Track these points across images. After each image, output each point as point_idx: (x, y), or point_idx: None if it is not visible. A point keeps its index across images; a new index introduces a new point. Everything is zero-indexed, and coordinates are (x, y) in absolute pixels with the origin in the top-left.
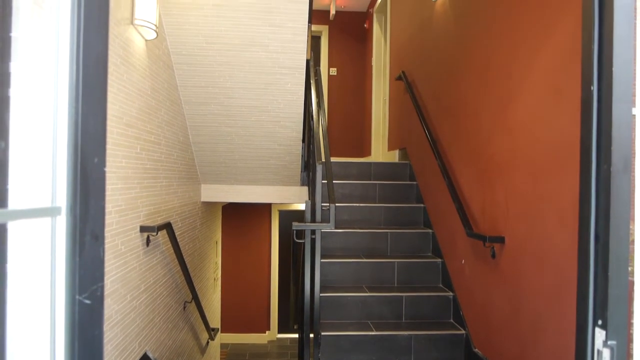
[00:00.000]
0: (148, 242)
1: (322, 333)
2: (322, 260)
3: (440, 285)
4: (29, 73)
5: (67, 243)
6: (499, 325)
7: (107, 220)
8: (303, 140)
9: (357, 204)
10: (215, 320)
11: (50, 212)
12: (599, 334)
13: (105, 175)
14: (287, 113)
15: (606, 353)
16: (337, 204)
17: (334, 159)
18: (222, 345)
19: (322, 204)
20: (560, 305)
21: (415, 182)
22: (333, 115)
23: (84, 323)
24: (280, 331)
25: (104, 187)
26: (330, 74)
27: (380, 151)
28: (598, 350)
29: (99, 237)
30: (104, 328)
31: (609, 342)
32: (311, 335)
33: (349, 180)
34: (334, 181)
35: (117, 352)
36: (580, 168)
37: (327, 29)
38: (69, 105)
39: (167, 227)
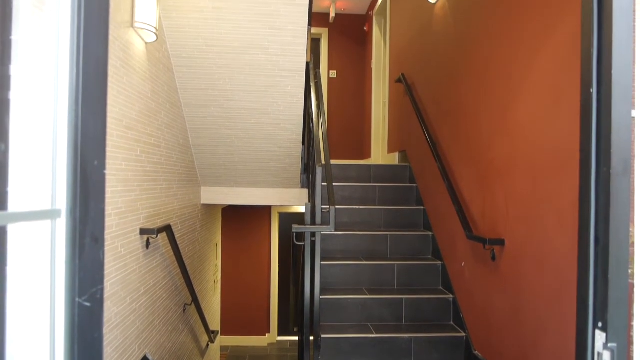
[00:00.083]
0: (148, 244)
1: (322, 335)
2: (322, 262)
3: (441, 287)
4: (29, 76)
5: (67, 245)
6: (499, 328)
7: (107, 222)
8: (303, 143)
9: (357, 207)
10: (215, 322)
11: (50, 214)
12: (599, 337)
13: (105, 177)
14: (287, 115)
15: (606, 355)
16: (337, 207)
17: (334, 162)
18: (222, 348)
19: (322, 207)
20: (560, 308)
21: (415, 185)
22: (333, 117)
23: (84, 326)
24: (280, 334)
25: (104, 190)
26: (330, 76)
27: (380, 154)
28: (598, 353)
29: (98, 240)
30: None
31: (609, 345)
32: (311, 337)
33: (349, 183)
34: (334, 184)
35: (117, 354)
36: (580, 171)
37: (327, 31)
38: (69, 107)
39: (167, 229)
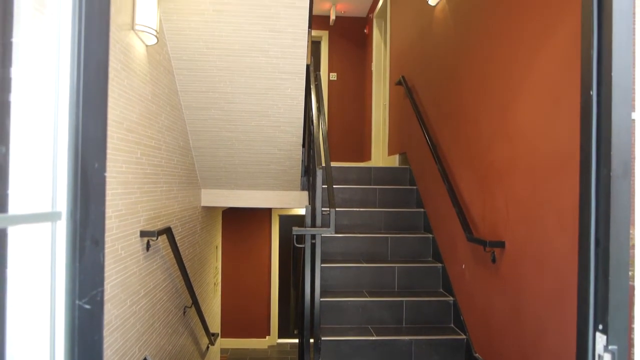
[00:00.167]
0: (148, 246)
1: (323, 338)
2: (322, 265)
3: (441, 290)
4: (30, 78)
5: (67, 248)
6: (500, 330)
7: (107, 225)
8: (303, 145)
9: (357, 209)
10: (215, 325)
11: (50, 217)
12: (600, 339)
13: (106, 180)
14: (287, 118)
15: (607, 358)
16: (337, 209)
17: (334, 164)
18: (222, 350)
19: (322, 209)
20: (561, 310)
21: (415, 187)
22: (333, 120)
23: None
24: (280, 336)
25: (104, 192)
26: (331, 79)
27: (380, 156)
28: (599, 355)
29: (99, 242)
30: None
31: (609, 347)
32: (311, 340)
33: (349, 185)
34: (334, 186)
35: (117, 357)
36: (580, 173)
37: (327, 34)
38: (70, 110)
39: (167, 231)
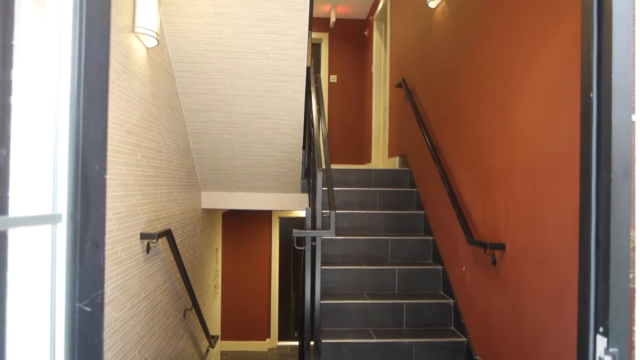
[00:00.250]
0: (148, 249)
1: (323, 340)
2: (322, 267)
3: (441, 292)
4: (30, 80)
5: (67, 250)
6: (501, 333)
7: (107, 227)
8: (303, 147)
9: (358, 211)
10: (215, 327)
11: (50, 219)
12: (601, 342)
13: (106, 182)
14: (287, 120)
15: None
16: (337, 211)
17: (334, 166)
18: (222, 353)
19: (323, 211)
20: (561, 312)
21: (415, 189)
22: (333, 122)
23: (84, 330)
24: (280, 339)
25: (104, 195)
26: (331, 81)
27: (381, 158)
28: (600, 358)
29: (99, 245)
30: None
31: (610, 350)
32: (312, 342)
33: (349, 187)
34: (335, 188)
35: (117, 359)
36: (580, 175)
37: (328, 36)
38: (70, 112)
39: (168, 234)
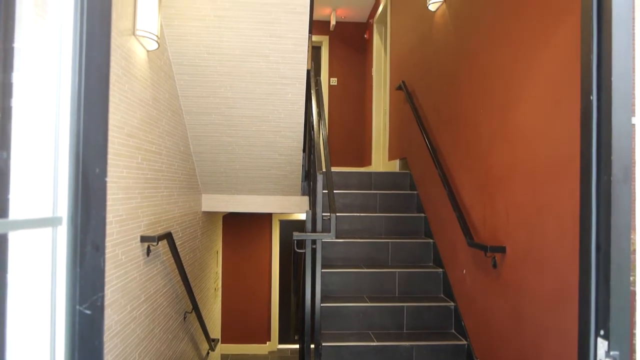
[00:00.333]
0: (148, 252)
1: (323, 344)
2: (322, 270)
3: (442, 295)
4: (31, 83)
5: (67, 253)
6: (501, 336)
7: (107, 230)
8: (304, 150)
9: (358, 214)
10: (215, 330)
11: (51, 222)
12: (601, 344)
13: (107, 185)
14: (287, 123)
15: None
16: (337, 214)
17: (334, 169)
18: (223, 356)
19: (323, 214)
20: (562, 315)
21: (415, 192)
22: (333, 125)
23: (84, 333)
24: (280, 342)
25: (105, 197)
26: (331, 84)
27: (381, 161)
28: None
29: (99, 247)
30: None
31: (611, 353)
32: (312, 346)
33: (349, 190)
34: (335, 191)
35: None
36: (580, 178)
37: (328, 39)
38: (71, 115)
39: (168, 237)
